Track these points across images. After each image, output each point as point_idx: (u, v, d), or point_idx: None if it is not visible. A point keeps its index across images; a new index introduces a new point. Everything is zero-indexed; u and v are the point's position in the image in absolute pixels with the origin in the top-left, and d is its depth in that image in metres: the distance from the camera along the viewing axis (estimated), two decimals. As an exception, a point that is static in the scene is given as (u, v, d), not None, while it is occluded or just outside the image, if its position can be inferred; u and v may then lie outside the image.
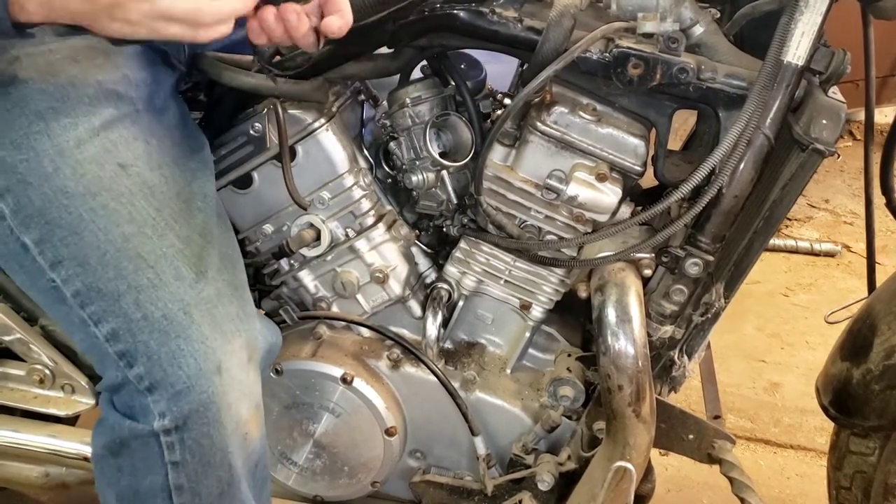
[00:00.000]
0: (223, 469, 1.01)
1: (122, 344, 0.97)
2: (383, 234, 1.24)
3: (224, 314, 0.99)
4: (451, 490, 1.33)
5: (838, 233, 3.08)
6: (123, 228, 0.96)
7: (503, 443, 1.31)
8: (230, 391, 0.98)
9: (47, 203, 0.95)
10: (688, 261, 1.13)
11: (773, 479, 1.95)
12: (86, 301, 0.97)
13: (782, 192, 1.09)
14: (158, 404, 0.96)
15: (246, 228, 1.27)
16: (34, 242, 0.96)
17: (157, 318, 0.95)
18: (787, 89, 1.02)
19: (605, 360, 1.12)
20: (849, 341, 1.29)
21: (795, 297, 2.69)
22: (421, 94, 1.20)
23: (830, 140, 1.02)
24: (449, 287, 1.27)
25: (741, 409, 2.17)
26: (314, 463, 1.34)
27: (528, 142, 1.14)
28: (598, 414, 1.23)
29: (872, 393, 1.22)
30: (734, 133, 1.02)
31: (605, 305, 1.12)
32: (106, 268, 0.96)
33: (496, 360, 1.32)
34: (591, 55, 1.07)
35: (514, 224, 1.19)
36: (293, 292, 1.31)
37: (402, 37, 1.14)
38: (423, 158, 1.22)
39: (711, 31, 1.09)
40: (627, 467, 1.14)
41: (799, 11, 0.99)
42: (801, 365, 2.34)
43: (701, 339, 1.26)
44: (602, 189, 1.13)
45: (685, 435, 1.29)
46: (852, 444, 1.33)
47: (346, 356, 1.28)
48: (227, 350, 0.98)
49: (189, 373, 0.95)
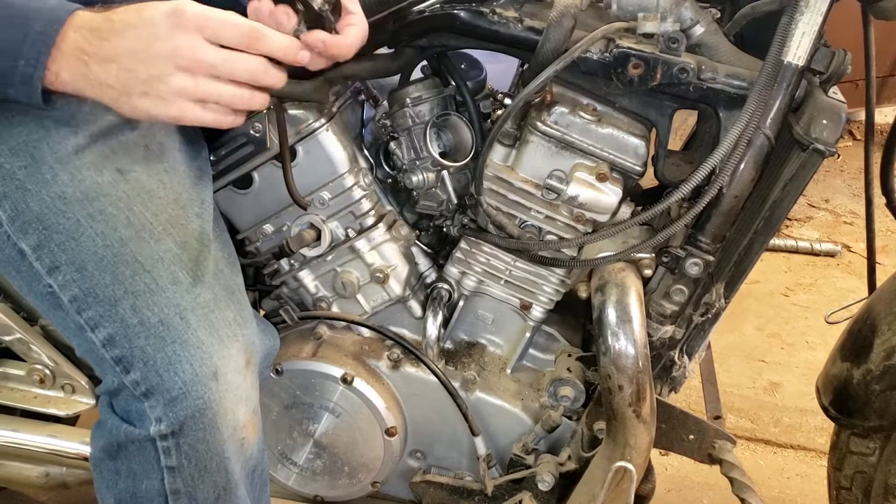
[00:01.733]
0: (219, 474, 1.01)
1: (118, 349, 0.96)
2: (383, 234, 1.24)
3: (221, 319, 0.99)
4: (452, 490, 1.33)
5: (838, 233, 3.08)
6: (121, 233, 0.96)
7: (503, 443, 1.31)
8: (227, 396, 0.97)
9: (45, 209, 0.95)
10: (688, 261, 1.13)
11: (774, 479, 1.95)
12: (82, 306, 0.96)
13: (783, 192, 1.09)
14: (155, 409, 0.96)
15: (246, 228, 1.27)
16: (31, 248, 0.96)
17: (154, 323, 0.95)
18: (788, 89, 1.02)
19: (606, 361, 1.12)
20: (849, 341, 1.29)
21: (795, 297, 2.69)
22: (421, 94, 1.20)
23: (831, 140, 1.02)
24: (449, 287, 1.27)
25: (741, 409, 2.17)
26: (314, 463, 1.34)
27: (528, 142, 1.14)
28: (599, 414, 1.23)
29: (873, 393, 1.22)
30: (734, 133, 1.02)
31: (605, 305, 1.12)
32: (103, 273, 0.95)
33: (496, 361, 1.32)
34: (591, 55, 1.07)
35: (514, 224, 1.19)
36: (293, 292, 1.31)
37: (402, 37, 1.14)
38: (423, 158, 1.22)
39: (712, 31, 1.09)
40: (628, 467, 1.14)
41: (799, 11, 0.99)
42: (801, 365, 2.34)
43: (701, 340, 1.26)
44: (602, 189, 1.13)
45: (685, 435, 1.29)
46: (852, 444, 1.33)
47: (347, 356, 1.28)
48: (224, 355, 0.98)
49: (185, 378, 0.95)
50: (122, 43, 0.84)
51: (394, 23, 1.11)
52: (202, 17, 0.83)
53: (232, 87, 0.86)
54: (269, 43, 0.85)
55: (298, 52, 0.89)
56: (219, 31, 0.84)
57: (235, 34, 0.84)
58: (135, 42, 0.83)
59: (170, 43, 0.83)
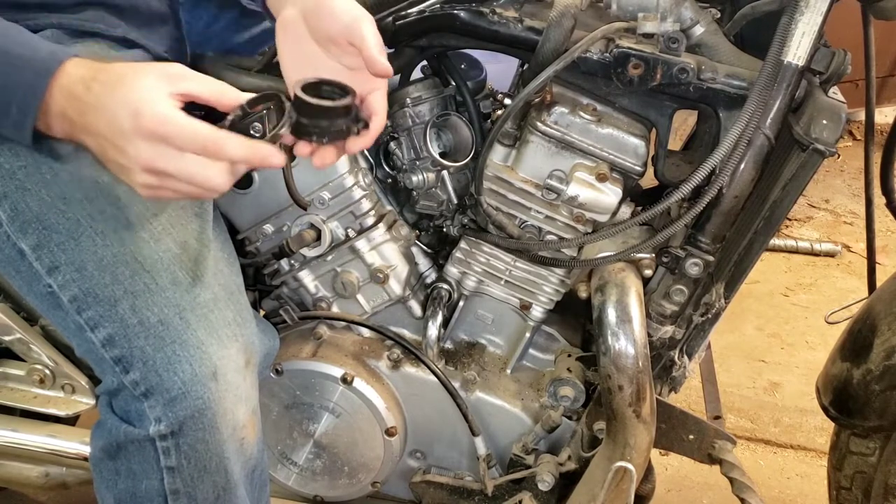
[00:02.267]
0: (219, 474, 1.01)
1: (117, 349, 0.96)
2: (383, 234, 1.24)
3: (220, 319, 0.99)
4: (452, 490, 1.33)
5: (838, 233, 3.08)
6: (120, 233, 0.96)
7: (503, 443, 1.31)
8: (226, 396, 0.97)
9: (45, 209, 0.95)
10: (688, 261, 1.13)
11: (774, 479, 1.95)
12: (82, 306, 0.96)
13: (783, 192, 1.09)
14: (154, 410, 0.96)
15: (246, 228, 1.27)
16: (31, 248, 0.96)
17: (153, 323, 0.95)
18: (788, 89, 1.02)
19: (606, 361, 1.12)
20: (849, 341, 1.29)
21: (795, 297, 2.69)
22: (421, 94, 1.20)
23: (831, 140, 1.02)
24: (449, 287, 1.27)
25: (741, 409, 2.17)
26: (314, 463, 1.34)
27: (528, 142, 1.14)
28: (599, 414, 1.23)
29: (873, 393, 1.22)
30: (734, 133, 1.02)
31: (605, 306, 1.12)
32: (103, 273, 0.95)
33: (496, 361, 1.32)
34: (591, 55, 1.07)
35: (514, 224, 1.19)
36: (293, 292, 1.31)
37: (402, 37, 1.14)
38: (423, 158, 1.22)
39: (712, 31, 1.09)
40: (627, 467, 1.14)
41: (799, 12, 0.99)
42: (801, 365, 2.34)
43: (701, 340, 1.26)
44: (602, 189, 1.13)
45: (685, 435, 1.29)
46: (852, 444, 1.33)
47: (347, 356, 1.28)
48: (223, 355, 0.97)
49: (184, 378, 0.95)
50: (94, 122, 0.83)
51: (394, 23, 1.11)
52: (161, 125, 0.81)
53: (191, 187, 0.85)
54: (229, 152, 0.83)
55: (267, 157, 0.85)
56: (177, 140, 0.82)
57: (193, 145, 0.82)
58: (104, 127, 0.83)
59: (131, 145, 0.82)
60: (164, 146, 0.82)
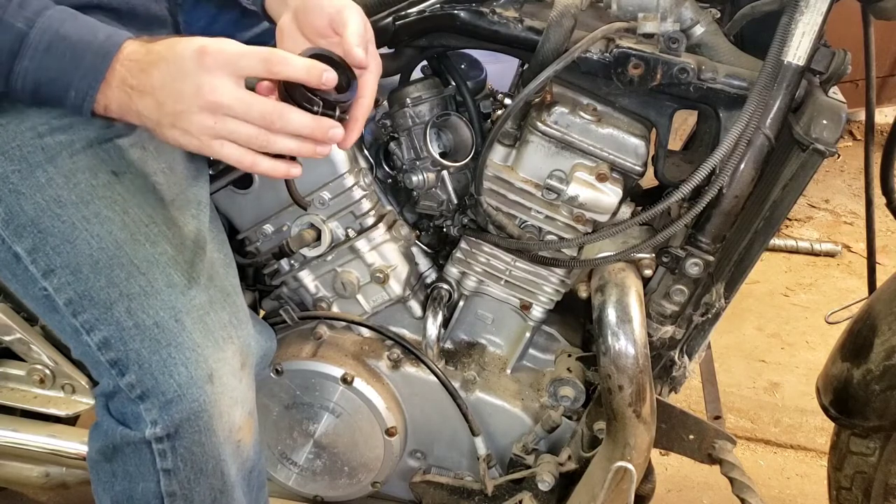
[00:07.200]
0: (216, 477, 1.01)
1: (113, 352, 0.96)
2: (383, 234, 1.24)
3: (216, 321, 0.99)
4: (452, 490, 1.33)
5: (838, 233, 3.08)
6: (116, 236, 0.96)
7: (503, 443, 1.31)
8: (222, 399, 0.97)
9: (40, 212, 0.95)
10: (688, 261, 1.13)
11: (774, 479, 1.95)
12: (78, 309, 0.96)
13: (783, 192, 1.09)
14: (150, 412, 0.96)
15: (246, 228, 1.27)
16: (26, 252, 0.96)
17: (149, 325, 0.95)
18: (788, 89, 1.02)
19: (606, 361, 1.12)
20: (849, 341, 1.29)
21: (795, 297, 2.69)
22: (421, 94, 1.20)
23: (831, 140, 1.02)
24: (449, 287, 1.27)
25: (741, 409, 2.17)
26: (314, 463, 1.34)
27: (528, 142, 1.14)
28: (599, 414, 1.23)
29: (873, 393, 1.22)
30: (734, 133, 1.02)
31: (605, 306, 1.12)
32: (98, 276, 0.95)
33: (496, 361, 1.32)
34: (591, 55, 1.07)
35: (514, 224, 1.19)
36: (293, 292, 1.31)
37: (402, 37, 1.14)
38: (423, 158, 1.22)
39: (712, 31, 1.09)
40: (628, 467, 1.14)
41: (799, 12, 0.99)
42: (801, 365, 2.34)
43: (701, 340, 1.26)
44: (602, 189, 1.13)
45: (685, 435, 1.29)
46: (853, 444, 1.33)
47: (347, 356, 1.28)
48: (219, 357, 0.97)
49: (180, 381, 0.94)
50: (156, 75, 0.86)
51: (394, 23, 1.11)
52: (222, 53, 0.84)
53: (250, 127, 0.86)
54: (288, 67, 0.85)
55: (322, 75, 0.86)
56: (238, 63, 0.85)
57: (253, 62, 0.85)
58: (165, 76, 0.85)
59: (194, 82, 0.84)
60: (229, 79, 0.84)
